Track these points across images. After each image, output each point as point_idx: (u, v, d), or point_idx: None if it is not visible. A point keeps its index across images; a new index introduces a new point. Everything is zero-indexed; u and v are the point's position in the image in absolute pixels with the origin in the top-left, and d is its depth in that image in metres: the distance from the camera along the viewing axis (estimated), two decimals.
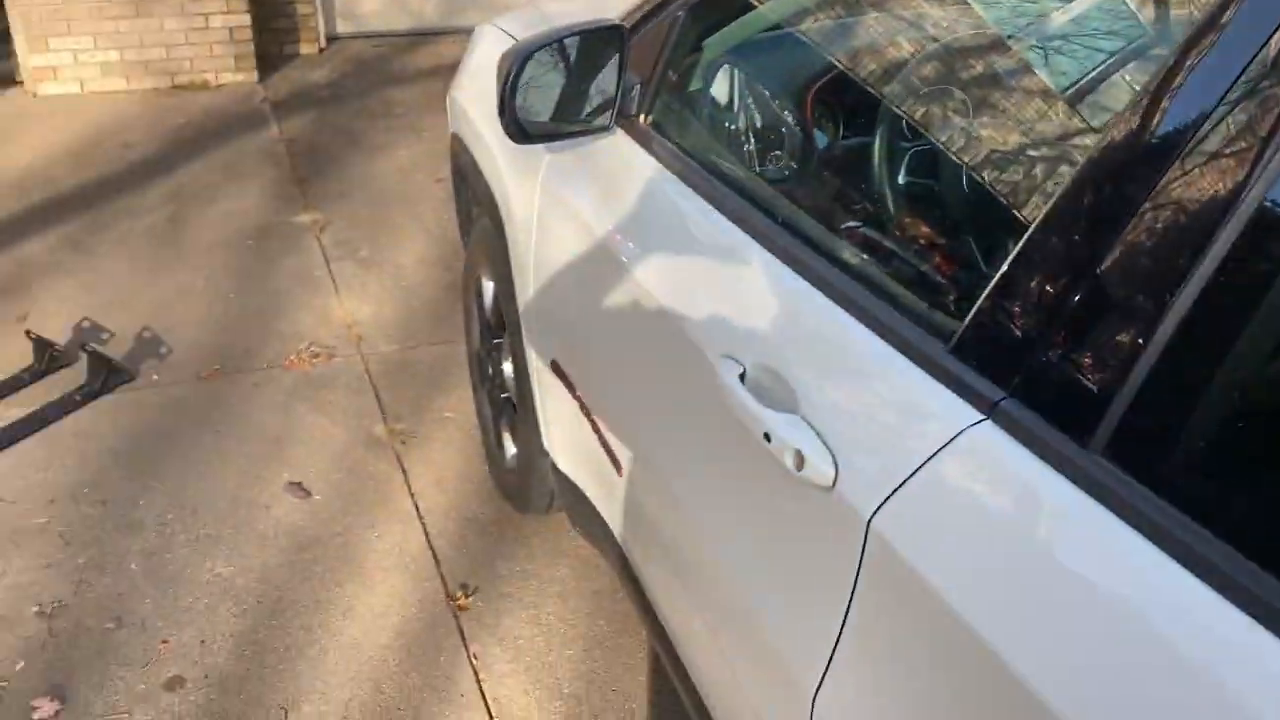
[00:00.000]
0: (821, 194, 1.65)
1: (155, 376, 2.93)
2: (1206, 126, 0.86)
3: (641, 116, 1.68)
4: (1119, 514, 0.83)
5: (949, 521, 0.96)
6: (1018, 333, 0.97)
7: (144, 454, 2.62)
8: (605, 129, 1.68)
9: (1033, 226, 0.99)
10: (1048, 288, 0.96)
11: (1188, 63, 0.90)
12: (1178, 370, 0.84)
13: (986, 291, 1.00)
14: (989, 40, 1.58)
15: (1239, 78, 0.84)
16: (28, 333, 2.92)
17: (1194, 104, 0.88)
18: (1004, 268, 0.99)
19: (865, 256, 1.28)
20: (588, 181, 1.75)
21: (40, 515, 2.41)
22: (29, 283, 3.37)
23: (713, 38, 1.68)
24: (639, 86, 1.68)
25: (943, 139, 1.49)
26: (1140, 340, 0.86)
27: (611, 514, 1.82)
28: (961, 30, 1.61)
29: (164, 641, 2.11)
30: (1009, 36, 1.57)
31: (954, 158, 1.45)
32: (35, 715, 1.94)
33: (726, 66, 1.70)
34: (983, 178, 1.35)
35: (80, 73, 4.94)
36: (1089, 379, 0.90)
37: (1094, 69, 1.51)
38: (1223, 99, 0.85)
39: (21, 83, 4.97)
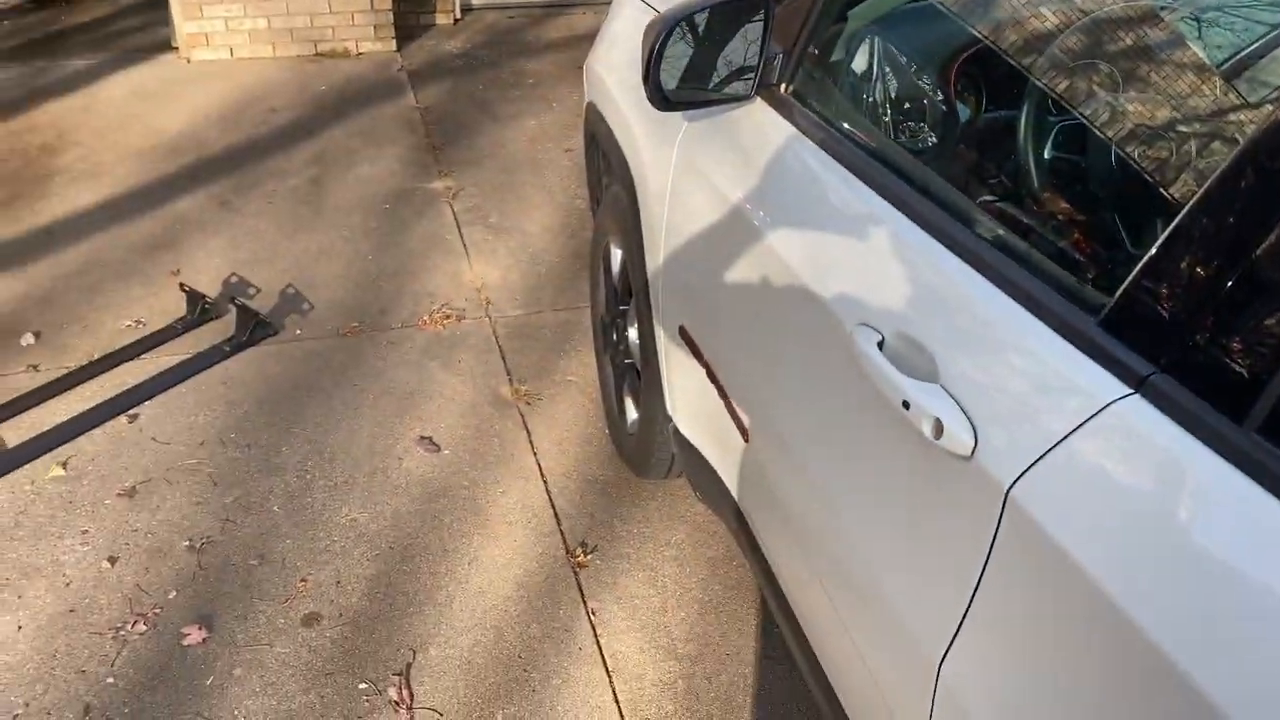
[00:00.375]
0: (965, 166, 1.63)
1: (298, 331, 3.08)
2: None
3: (782, 85, 1.69)
4: (1275, 492, 0.82)
5: (1093, 494, 0.95)
6: (1171, 309, 0.95)
7: (286, 403, 2.76)
8: (746, 97, 1.69)
9: (1191, 203, 0.97)
10: (1205, 265, 0.94)
11: None
12: None
13: (1140, 266, 0.99)
14: (1139, 12, 1.53)
15: None
16: (181, 286, 3.10)
17: None
18: (1159, 243, 0.98)
19: (1011, 229, 1.27)
20: (726, 149, 1.77)
21: (191, 457, 2.57)
22: (181, 239, 3.57)
23: (858, 8, 1.68)
24: (780, 56, 1.69)
25: (1091, 113, 1.46)
26: None
27: (734, 479, 1.85)
28: (1109, 3, 1.57)
29: (303, 580, 2.23)
30: (1161, 8, 1.52)
31: (1103, 133, 1.41)
32: (185, 641, 2.08)
33: (870, 37, 1.69)
34: (1133, 153, 1.31)
35: (230, 39, 5.17)
36: (1245, 356, 0.88)
37: (1253, 43, 1.45)
38: None
39: (176, 49, 5.23)
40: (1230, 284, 0.91)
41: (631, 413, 2.48)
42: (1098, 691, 0.92)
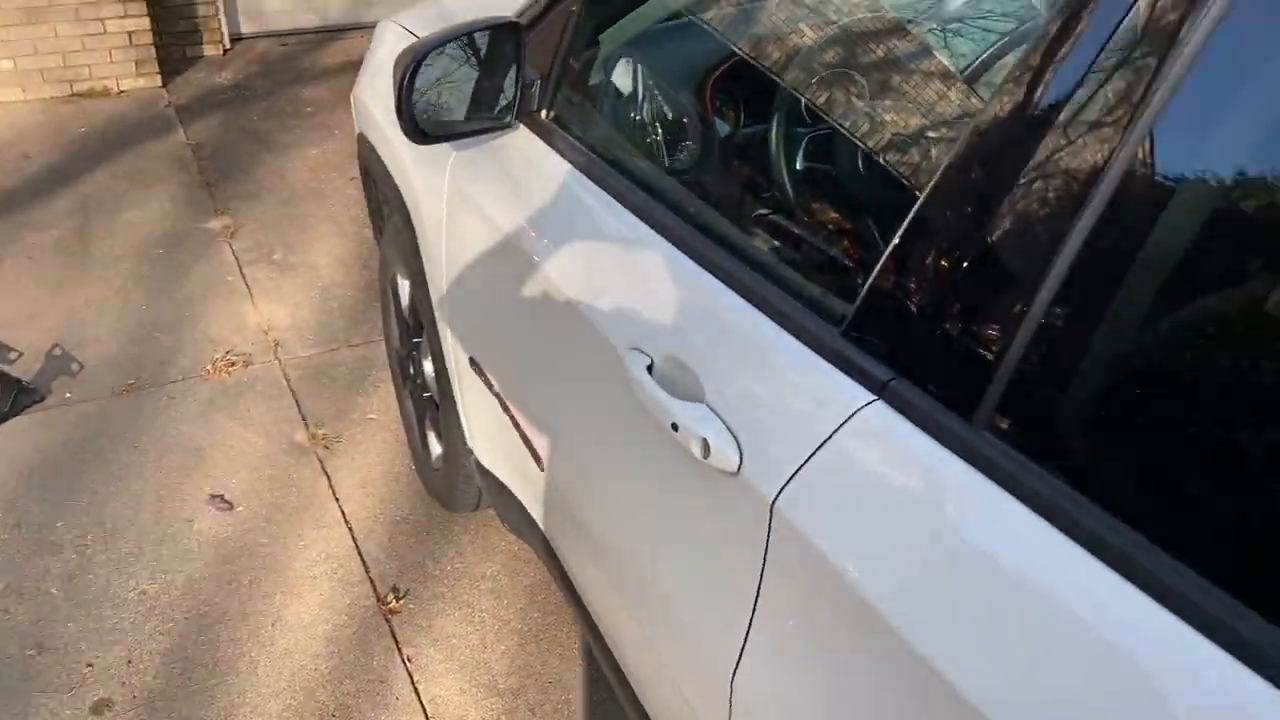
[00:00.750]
0: (721, 183, 1.67)
1: (68, 394, 2.86)
2: (1074, 102, 0.88)
3: (543, 112, 1.69)
4: (1004, 486, 0.86)
5: (846, 501, 0.98)
6: (902, 313, 0.99)
7: (60, 475, 2.56)
8: (506, 126, 1.68)
9: (912, 211, 1.01)
10: (927, 267, 0.98)
11: (1054, 37, 0.92)
12: (1053, 342, 0.87)
13: (873, 274, 1.03)
14: (884, 24, 1.61)
15: (1105, 45, 0.86)
16: None
17: (1061, 79, 0.89)
18: (888, 250, 1.02)
19: (763, 244, 1.31)
20: (493, 178, 1.75)
21: None
22: None
23: (608, 31, 1.69)
24: (539, 82, 1.68)
25: (838, 123, 1.51)
26: (1016, 315, 0.88)
27: (536, 508, 1.83)
28: (856, 14, 1.64)
29: (89, 664, 2.07)
30: (905, 20, 1.60)
31: (848, 142, 1.47)
32: None
33: (625, 59, 1.71)
34: (876, 161, 1.37)
35: None
36: (970, 355, 0.92)
37: (987, 50, 1.55)
38: (1091, 69, 0.87)
39: None
40: (948, 286, 0.95)
41: (435, 447, 2.43)
42: (871, 698, 0.95)
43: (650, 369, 1.25)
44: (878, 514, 0.95)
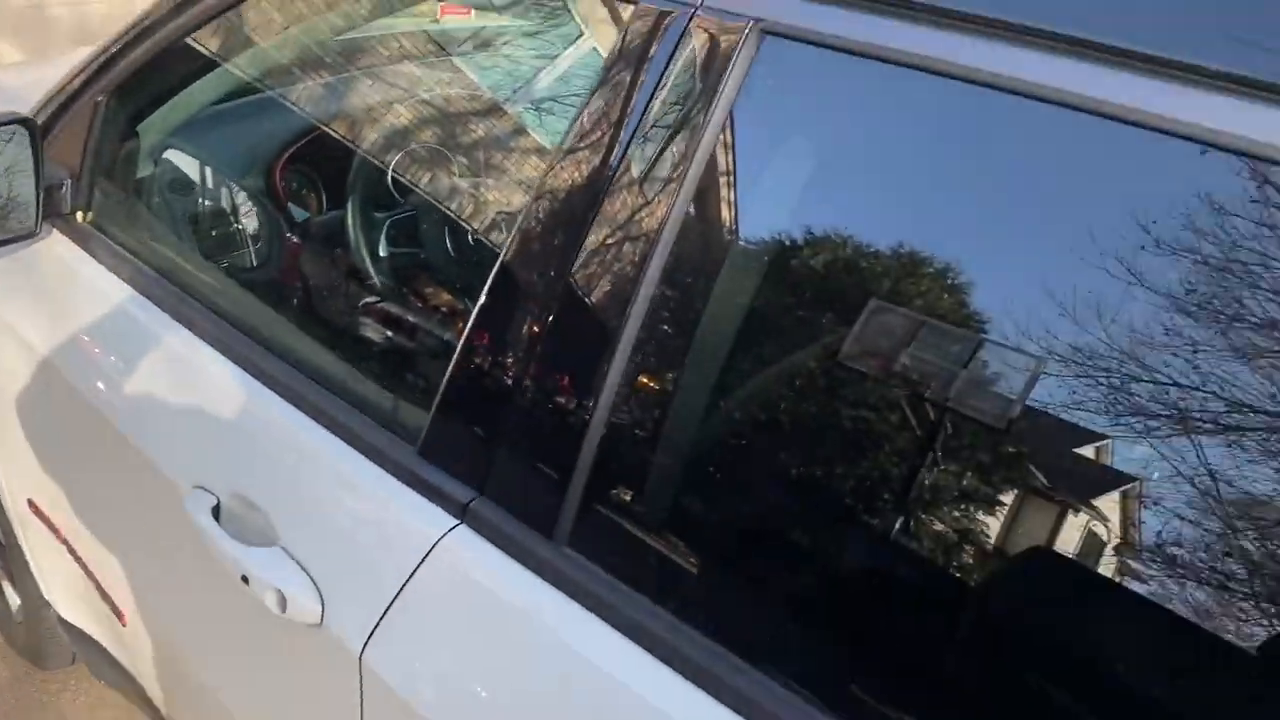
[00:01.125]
0: (286, 288, 1.52)
1: None
2: (608, 204, 0.85)
3: (79, 214, 1.47)
4: (584, 604, 0.81)
5: (434, 644, 0.89)
6: (475, 424, 0.92)
7: None
8: (30, 234, 1.43)
9: (475, 310, 0.93)
10: (491, 372, 0.91)
11: (591, 118, 0.89)
12: (621, 446, 0.83)
13: (442, 386, 0.95)
14: (479, 105, 1.54)
15: (641, 122, 0.83)
16: None
17: (594, 180, 0.87)
18: (454, 357, 0.94)
19: (334, 357, 1.18)
20: (27, 293, 1.50)
21: None
22: None
23: (148, 120, 1.50)
24: (70, 181, 1.46)
25: (417, 232, 1.42)
26: (582, 422, 0.84)
27: (130, 662, 1.59)
28: (429, 91, 1.57)
29: None
30: (503, 100, 1.54)
31: (429, 240, 1.39)
32: None
33: (171, 149, 1.53)
34: (448, 259, 1.30)
35: None
36: (544, 466, 0.87)
37: (567, 134, 1.51)
38: (627, 152, 0.84)
39: None
40: (514, 394, 0.89)
41: (14, 598, 2.07)
42: None
43: (216, 510, 1.10)
44: (464, 653, 0.87)
